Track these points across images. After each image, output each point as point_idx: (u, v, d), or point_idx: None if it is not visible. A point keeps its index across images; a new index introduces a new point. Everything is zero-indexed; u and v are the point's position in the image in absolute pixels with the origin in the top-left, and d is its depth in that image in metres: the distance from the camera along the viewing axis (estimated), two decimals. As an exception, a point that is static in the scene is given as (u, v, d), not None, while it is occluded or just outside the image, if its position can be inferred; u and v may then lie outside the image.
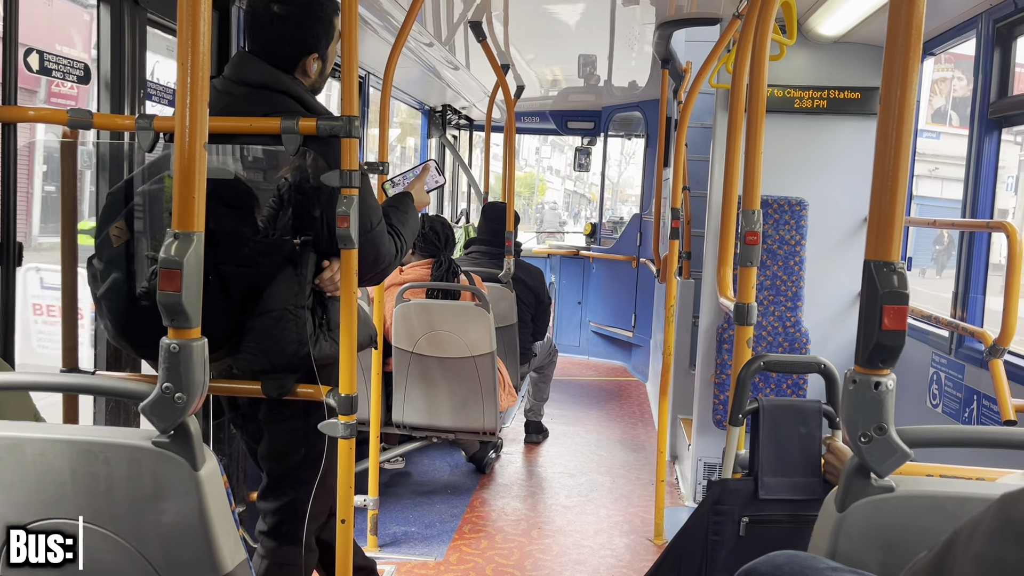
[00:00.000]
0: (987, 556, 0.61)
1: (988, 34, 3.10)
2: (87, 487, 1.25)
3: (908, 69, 1.15)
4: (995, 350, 2.72)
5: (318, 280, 2.10)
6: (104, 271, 2.04)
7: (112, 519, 1.25)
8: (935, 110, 21.89)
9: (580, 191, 28.81)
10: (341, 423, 2.01)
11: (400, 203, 2.31)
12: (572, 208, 30.18)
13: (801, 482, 1.83)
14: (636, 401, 6.42)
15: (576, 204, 30.94)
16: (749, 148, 2.14)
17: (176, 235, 1.23)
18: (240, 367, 2.09)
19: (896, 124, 1.15)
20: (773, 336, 3.92)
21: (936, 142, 20.56)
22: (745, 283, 2.18)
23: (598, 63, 6.07)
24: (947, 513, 1.19)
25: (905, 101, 1.16)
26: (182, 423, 1.24)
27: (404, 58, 4.82)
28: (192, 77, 1.22)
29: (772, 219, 3.95)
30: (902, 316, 1.12)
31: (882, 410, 1.16)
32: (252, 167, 2.17)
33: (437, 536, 3.70)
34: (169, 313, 1.23)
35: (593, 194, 30.38)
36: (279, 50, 2.13)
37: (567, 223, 24.71)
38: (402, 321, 3.75)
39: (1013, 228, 2.69)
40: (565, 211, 28.49)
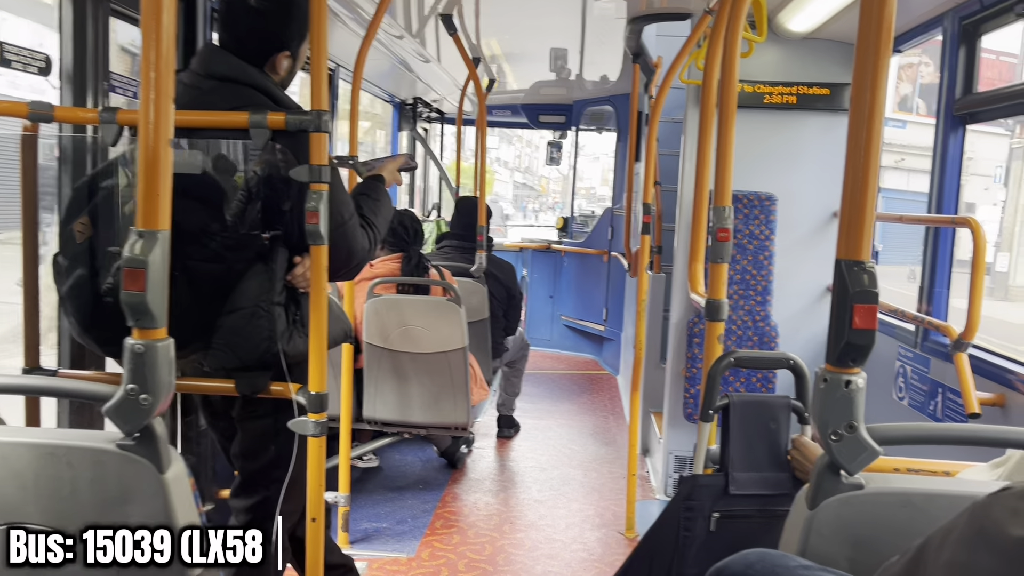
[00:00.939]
0: (958, 563, 0.61)
1: (954, 31, 3.14)
2: (50, 491, 1.22)
3: (878, 72, 1.16)
4: (960, 344, 2.77)
5: (290, 276, 2.07)
6: (68, 268, 2.00)
7: (76, 523, 1.23)
8: (901, 98, 21.45)
9: (529, 183, 28.58)
10: (311, 421, 1.99)
11: (371, 190, 2.26)
12: (520, 201, 30.04)
13: (771, 477, 1.85)
14: (608, 394, 6.45)
15: (524, 197, 30.72)
16: (720, 145, 2.15)
17: (141, 233, 1.20)
18: (211, 365, 2.06)
19: (867, 130, 1.16)
20: (743, 330, 3.95)
21: (902, 131, 20.15)
22: (716, 279, 2.19)
23: (570, 57, 6.06)
24: (916, 510, 1.20)
25: (875, 99, 1.17)
26: (147, 425, 1.21)
27: (374, 51, 4.78)
28: (157, 71, 1.19)
29: (742, 214, 3.97)
30: (872, 315, 1.13)
31: (852, 408, 1.17)
32: (221, 161, 2.14)
33: (409, 532, 3.69)
34: (134, 313, 1.20)
35: (543, 186, 30.19)
36: (251, 44, 2.09)
37: (510, 217, 24.44)
38: (373, 317, 3.72)
39: (977, 224, 2.73)
40: (512, 205, 28.25)
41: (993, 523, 0.59)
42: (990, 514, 0.60)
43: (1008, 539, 0.57)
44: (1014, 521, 0.58)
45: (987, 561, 0.58)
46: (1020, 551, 0.56)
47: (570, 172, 8.54)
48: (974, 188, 21.39)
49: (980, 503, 0.63)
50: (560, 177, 28.72)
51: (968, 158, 13.98)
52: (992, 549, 0.59)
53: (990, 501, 0.62)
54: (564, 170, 9.00)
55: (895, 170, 21.17)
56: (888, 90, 1.21)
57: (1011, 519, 0.58)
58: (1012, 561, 0.56)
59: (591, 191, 27.24)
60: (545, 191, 30.25)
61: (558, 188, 29.50)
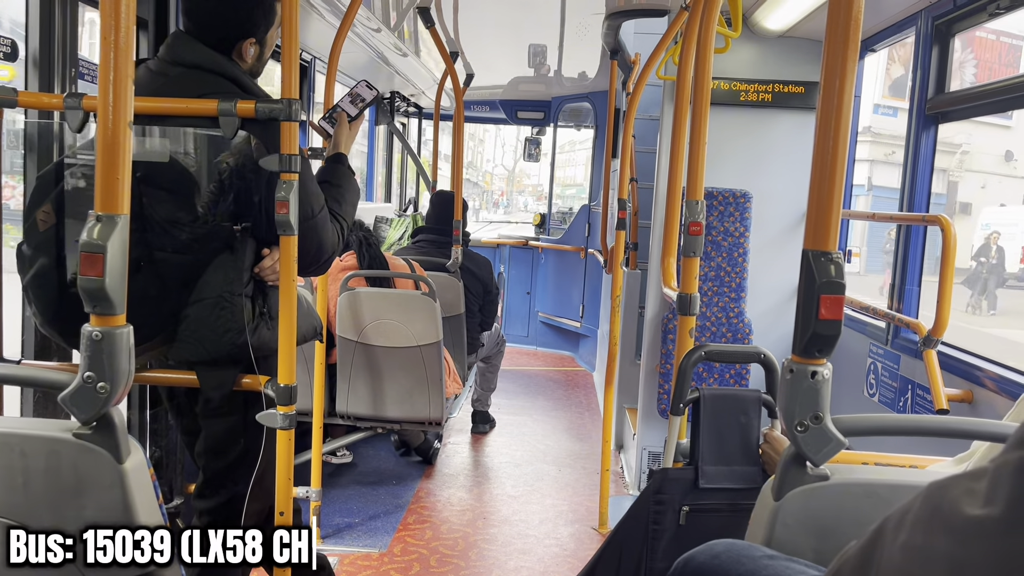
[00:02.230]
0: (914, 545, 0.61)
1: (927, 31, 3.17)
2: (2, 481, 1.19)
3: (846, 64, 1.16)
4: (929, 341, 2.79)
5: (258, 268, 2.05)
6: (32, 257, 1.96)
7: (30, 514, 1.20)
8: (893, 81, 19.32)
9: (474, 179, 28.30)
10: (280, 413, 1.97)
11: (333, 176, 2.19)
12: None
13: (740, 471, 1.85)
14: (583, 391, 6.46)
15: (468, 194, 30.37)
16: (693, 139, 2.15)
17: (99, 217, 1.17)
18: (175, 357, 2.03)
19: (835, 118, 1.16)
20: (717, 327, 3.96)
21: (894, 120, 18.03)
22: (688, 273, 2.19)
23: (548, 53, 6.05)
24: (880, 500, 1.21)
25: (843, 95, 1.17)
26: (105, 414, 1.18)
27: (351, 43, 4.75)
28: (116, 51, 1.16)
29: (717, 211, 3.99)
30: (838, 306, 1.13)
31: (818, 399, 1.17)
32: (190, 150, 2.11)
33: (381, 527, 3.67)
34: (91, 299, 1.17)
35: (487, 182, 29.90)
36: (214, 31, 2.06)
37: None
38: (347, 310, 3.69)
39: (948, 222, 2.76)
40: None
41: (948, 503, 0.59)
42: (946, 495, 0.60)
43: (963, 518, 0.57)
44: (968, 501, 0.57)
45: (942, 542, 0.57)
46: (974, 531, 0.56)
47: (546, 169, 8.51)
48: (970, 186, 19.81)
49: (935, 484, 0.62)
50: (505, 173, 28.41)
51: (963, 151, 13.92)
52: (947, 530, 0.58)
53: (946, 482, 0.62)
54: (490, 165, 8.97)
55: (886, 164, 18.90)
56: (868, 82, 1.21)
57: (966, 498, 0.58)
58: (966, 541, 0.56)
59: (526, 188, 26.84)
60: (489, 186, 30.00)
61: (503, 185, 29.19)
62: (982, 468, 0.60)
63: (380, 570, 3.26)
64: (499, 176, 29.26)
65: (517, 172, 25.41)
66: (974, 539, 0.55)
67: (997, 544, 0.54)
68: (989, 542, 0.54)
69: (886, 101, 19.19)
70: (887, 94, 19.34)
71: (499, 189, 29.47)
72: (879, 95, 19.07)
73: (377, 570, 3.26)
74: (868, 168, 19.24)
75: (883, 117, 19.04)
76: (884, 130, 18.72)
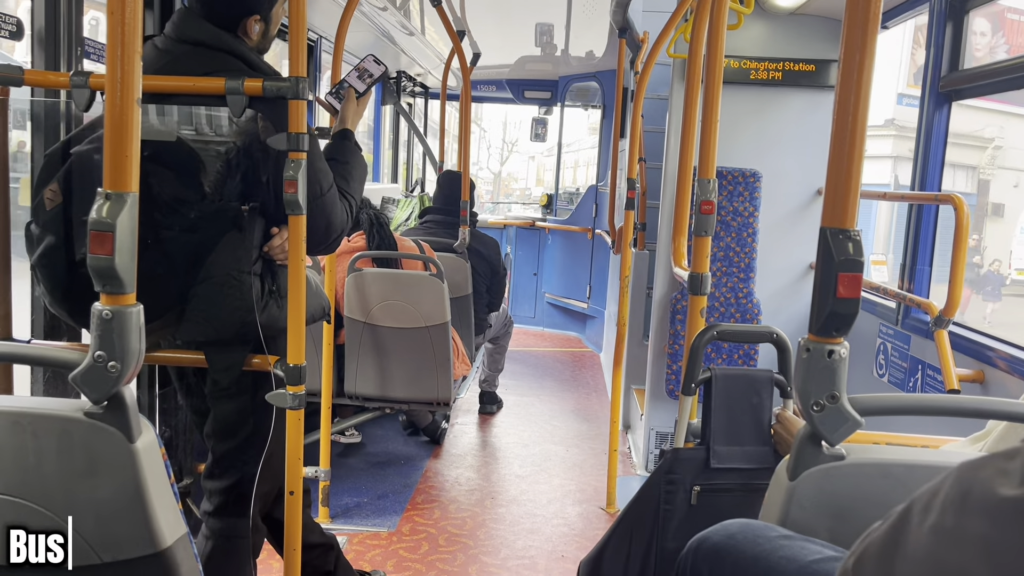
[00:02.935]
0: (945, 527, 0.59)
1: (941, 8, 3.12)
2: (14, 461, 1.18)
3: (867, 39, 1.14)
4: (940, 321, 2.77)
5: (267, 247, 2.03)
6: (39, 236, 1.96)
7: (42, 494, 1.19)
8: (919, 68, 17.03)
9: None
10: (289, 393, 1.96)
11: (339, 152, 2.16)
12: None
13: (752, 451, 1.84)
14: (590, 372, 6.45)
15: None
16: (706, 117, 2.12)
17: (108, 195, 1.16)
18: (183, 337, 2.03)
19: (855, 94, 1.14)
20: (726, 307, 3.95)
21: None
22: (700, 253, 2.17)
23: (555, 32, 6.00)
24: (896, 480, 1.20)
25: (863, 71, 1.14)
26: (116, 393, 1.18)
27: (357, 22, 4.71)
28: (123, 27, 1.14)
29: (726, 190, 3.96)
30: (856, 284, 1.11)
31: (835, 378, 1.15)
32: (198, 128, 2.09)
33: (390, 507, 3.68)
34: (101, 278, 1.16)
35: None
36: (219, 7, 2.04)
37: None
38: (354, 291, 3.68)
39: (961, 200, 2.73)
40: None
41: (981, 484, 0.58)
42: (978, 475, 0.58)
43: (997, 499, 0.55)
44: (1003, 481, 0.56)
45: (975, 524, 0.56)
46: (1010, 511, 0.54)
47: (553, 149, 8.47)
48: (1003, 184, 17.18)
49: (967, 464, 0.61)
50: (491, 176, 27.87)
51: (995, 147, 12.68)
52: (981, 511, 0.57)
53: (978, 463, 0.60)
54: (531, 169, 8.95)
55: (911, 161, 17.12)
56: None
57: (999, 479, 0.56)
58: (1001, 523, 0.54)
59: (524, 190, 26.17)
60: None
61: (489, 187, 28.73)
62: (1015, 448, 0.59)
63: (389, 549, 3.28)
64: (484, 179, 28.86)
65: (504, 176, 25.02)
66: (1009, 520, 0.54)
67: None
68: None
69: (911, 91, 16.69)
70: (912, 82, 16.92)
71: (485, 192, 29.19)
72: (903, 83, 17.06)
73: (386, 549, 3.28)
74: (892, 165, 17.00)
75: (908, 108, 16.55)
76: (909, 122, 16.76)
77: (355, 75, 2.28)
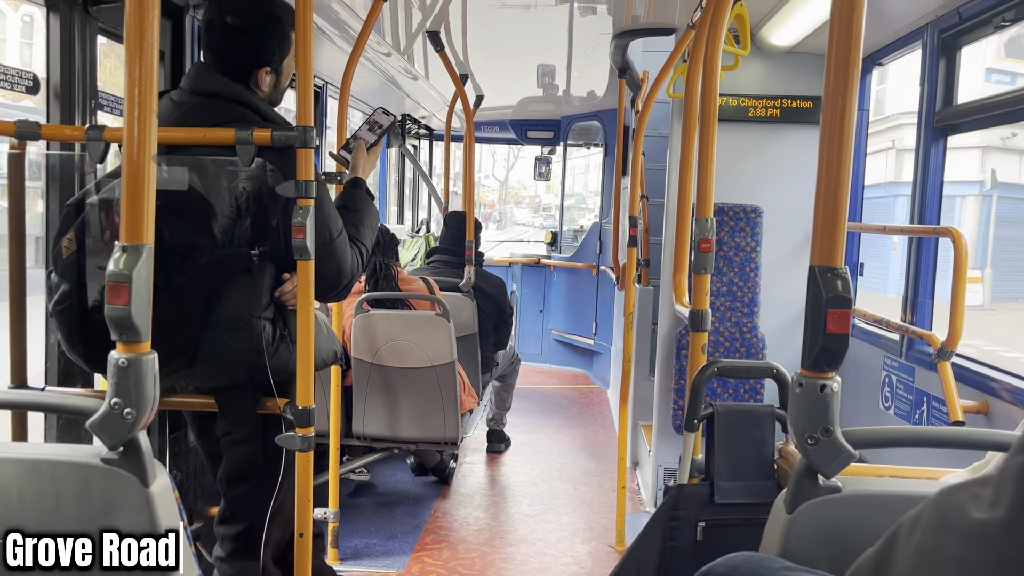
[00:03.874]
0: (926, 547, 0.63)
1: (933, 45, 3.19)
2: (35, 506, 1.22)
3: (849, 80, 1.19)
4: (943, 353, 2.79)
5: (278, 292, 2.08)
6: (56, 284, 2.01)
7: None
8: (1009, 39, 13.74)
9: (460, 192, 27.50)
10: (298, 436, 1.99)
11: (351, 201, 2.23)
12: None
13: (756, 486, 1.86)
14: (598, 408, 6.46)
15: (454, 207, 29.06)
16: (702, 156, 2.17)
17: (125, 248, 1.21)
18: (195, 383, 2.07)
19: (838, 134, 1.18)
20: (730, 342, 3.97)
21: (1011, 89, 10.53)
22: (699, 290, 2.21)
23: (557, 73, 6.11)
24: (893, 511, 1.21)
25: (846, 111, 1.19)
26: (132, 439, 1.22)
27: (363, 68, 4.82)
28: (140, 87, 1.21)
29: (728, 226, 4.00)
30: (846, 320, 1.15)
31: (828, 412, 1.18)
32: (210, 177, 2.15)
33: (399, 548, 3.68)
34: (118, 327, 1.21)
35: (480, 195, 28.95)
36: (231, 61, 2.12)
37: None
38: (362, 332, 3.73)
39: (959, 233, 2.77)
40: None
41: (955, 507, 0.62)
42: (953, 500, 0.62)
43: (969, 522, 0.59)
44: (975, 505, 0.60)
45: (951, 545, 0.60)
46: (980, 533, 0.58)
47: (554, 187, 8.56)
48: None
49: (944, 489, 0.65)
50: (497, 184, 27.64)
51: None
52: (955, 533, 0.61)
53: (954, 488, 0.64)
54: (554, 185, 9.04)
55: (1002, 151, 13.25)
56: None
57: (972, 503, 0.60)
58: (972, 544, 0.58)
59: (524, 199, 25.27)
60: (481, 199, 29.47)
61: (493, 197, 28.24)
62: (988, 475, 0.62)
63: (399, 590, 3.28)
64: (490, 188, 28.38)
65: (513, 183, 24.85)
66: (980, 542, 0.57)
67: (1001, 546, 0.56)
68: (993, 544, 0.57)
69: (1001, 64, 13.97)
70: (1003, 55, 14.20)
71: (489, 202, 28.71)
72: (992, 58, 14.08)
73: (396, 590, 3.28)
74: (981, 157, 13.85)
75: (997, 85, 13.09)
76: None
77: (366, 128, 2.37)
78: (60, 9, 2.56)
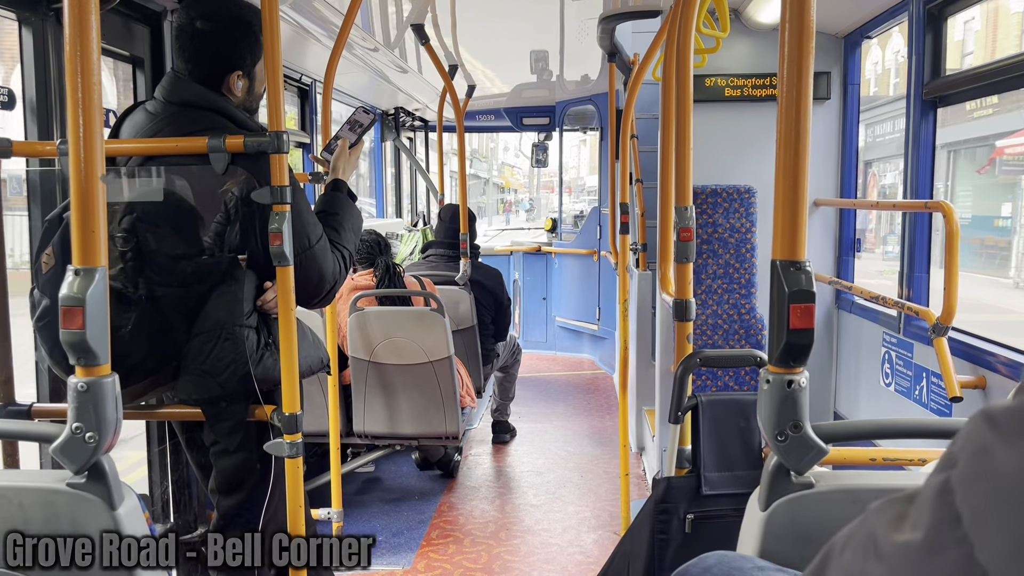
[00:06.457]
0: (853, 569, 0.61)
1: (919, 16, 3.14)
2: (3, 532, 1.22)
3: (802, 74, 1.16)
4: (939, 328, 2.76)
5: (261, 301, 2.07)
6: (38, 299, 2.01)
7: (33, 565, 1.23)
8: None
9: (484, 176, 25.86)
10: (286, 442, 1.99)
11: (331, 205, 2.21)
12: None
13: (743, 476, 1.84)
14: (603, 394, 6.44)
15: (480, 193, 27.20)
16: (679, 143, 2.14)
17: (77, 271, 1.20)
18: (181, 393, 2.06)
19: (796, 133, 1.16)
20: (729, 324, 3.95)
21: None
22: (682, 279, 2.19)
23: (550, 58, 6.07)
24: (865, 506, 1.20)
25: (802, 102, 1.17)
26: (96, 462, 1.21)
27: (352, 64, 4.79)
28: (84, 105, 1.19)
29: (723, 208, 3.97)
30: (810, 314, 1.13)
31: (796, 408, 1.17)
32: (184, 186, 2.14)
33: (404, 544, 3.68)
34: (74, 351, 1.20)
35: (506, 179, 27.46)
36: (202, 67, 2.10)
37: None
38: (357, 330, 3.72)
39: (950, 207, 2.73)
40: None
41: (881, 527, 0.59)
42: (880, 519, 0.60)
43: (890, 544, 0.57)
44: (898, 525, 0.57)
45: (874, 568, 0.57)
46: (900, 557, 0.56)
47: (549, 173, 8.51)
48: None
49: (873, 507, 0.62)
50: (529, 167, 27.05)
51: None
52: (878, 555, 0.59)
53: (883, 506, 0.62)
54: (551, 171, 8.98)
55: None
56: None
57: (895, 524, 0.58)
58: (893, 568, 0.56)
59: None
60: (509, 184, 28.62)
61: (525, 180, 27.10)
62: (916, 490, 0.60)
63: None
64: (522, 171, 27.04)
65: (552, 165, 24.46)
66: (901, 566, 0.55)
67: (919, 570, 0.54)
68: (912, 568, 0.54)
69: None
70: None
71: (522, 185, 26.93)
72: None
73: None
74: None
75: None
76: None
77: (347, 128, 2.35)
78: (32, 22, 2.54)
